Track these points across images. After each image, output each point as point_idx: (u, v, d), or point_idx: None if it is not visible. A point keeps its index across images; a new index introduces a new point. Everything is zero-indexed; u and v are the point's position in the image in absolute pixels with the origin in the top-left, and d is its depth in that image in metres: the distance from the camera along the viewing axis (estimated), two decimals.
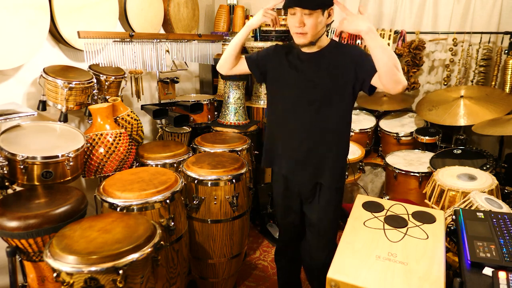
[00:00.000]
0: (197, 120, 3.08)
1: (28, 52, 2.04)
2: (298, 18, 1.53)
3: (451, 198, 1.92)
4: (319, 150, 1.70)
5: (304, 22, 1.53)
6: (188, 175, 2.07)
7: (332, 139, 1.69)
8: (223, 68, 1.86)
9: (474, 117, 2.51)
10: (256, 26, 1.76)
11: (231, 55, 1.81)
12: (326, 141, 1.68)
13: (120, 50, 2.35)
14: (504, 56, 2.69)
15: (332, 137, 1.68)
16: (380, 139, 3.15)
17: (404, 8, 3.06)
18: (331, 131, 1.67)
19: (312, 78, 1.66)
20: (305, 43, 1.60)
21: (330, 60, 1.62)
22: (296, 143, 1.72)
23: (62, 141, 1.94)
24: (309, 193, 1.78)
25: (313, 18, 1.52)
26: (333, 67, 1.62)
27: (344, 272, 1.20)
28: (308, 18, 1.52)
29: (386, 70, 1.45)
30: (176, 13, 3.08)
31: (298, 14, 1.53)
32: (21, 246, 1.53)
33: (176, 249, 1.84)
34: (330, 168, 1.70)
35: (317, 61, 1.65)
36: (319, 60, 1.65)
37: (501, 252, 1.15)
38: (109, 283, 1.28)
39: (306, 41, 1.58)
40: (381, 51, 1.45)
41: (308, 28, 1.53)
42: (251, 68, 1.84)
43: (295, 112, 1.71)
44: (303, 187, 1.78)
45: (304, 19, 1.53)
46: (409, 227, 1.44)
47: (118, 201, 1.68)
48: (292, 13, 1.55)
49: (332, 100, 1.63)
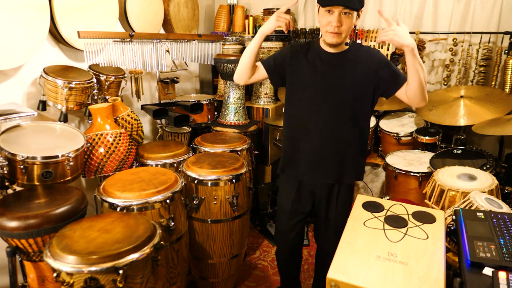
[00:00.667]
0: (197, 120, 3.08)
1: (28, 52, 2.04)
2: (336, 17, 1.48)
3: (451, 198, 1.91)
4: (339, 151, 1.71)
5: (342, 21, 1.49)
6: (188, 175, 2.07)
7: (353, 140, 1.70)
8: (240, 79, 1.79)
9: (474, 117, 2.51)
10: (269, 32, 1.67)
11: (247, 65, 1.73)
12: (346, 142, 1.69)
13: (120, 50, 2.35)
14: (504, 56, 2.68)
15: (353, 138, 1.69)
16: (380, 139, 3.15)
17: (404, 8, 3.06)
18: (351, 132, 1.69)
19: (334, 79, 1.64)
20: (338, 43, 1.57)
21: (353, 62, 1.61)
22: (316, 144, 1.72)
23: (62, 141, 1.94)
24: (325, 194, 1.79)
25: (350, 18, 1.50)
26: (355, 70, 1.60)
27: (344, 272, 1.20)
28: (346, 18, 1.49)
29: (419, 88, 1.52)
30: (176, 13, 3.08)
31: (336, 13, 1.48)
32: (21, 246, 1.53)
33: (176, 249, 1.84)
34: (350, 169, 1.73)
35: (339, 62, 1.63)
36: (341, 61, 1.63)
37: (501, 252, 1.15)
38: (109, 283, 1.28)
39: (340, 40, 1.56)
40: (420, 69, 1.50)
41: (344, 28, 1.51)
42: (270, 74, 1.78)
43: (316, 114, 1.69)
44: (320, 188, 1.79)
45: (343, 19, 1.49)
46: (409, 227, 1.44)
47: (118, 201, 1.68)
48: (328, 10, 1.50)
49: (353, 102, 1.64)
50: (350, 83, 1.63)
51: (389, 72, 1.59)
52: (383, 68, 1.59)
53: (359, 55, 1.62)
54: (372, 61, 1.60)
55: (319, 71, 1.66)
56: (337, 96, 1.65)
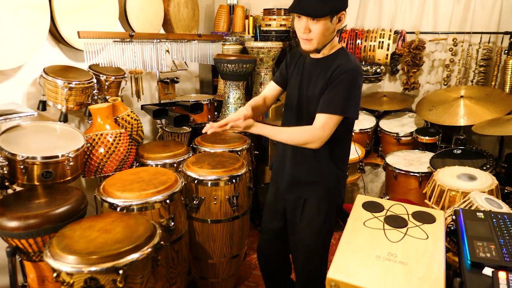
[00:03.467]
0: (197, 120, 3.08)
1: (28, 52, 2.04)
2: (304, 24, 1.41)
3: (451, 198, 1.92)
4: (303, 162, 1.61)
5: (309, 28, 1.41)
6: (188, 175, 2.07)
7: (313, 152, 1.54)
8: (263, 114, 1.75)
9: (474, 117, 2.51)
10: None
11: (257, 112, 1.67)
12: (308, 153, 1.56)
13: (120, 50, 2.35)
14: (504, 56, 2.69)
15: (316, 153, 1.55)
16: (380, 139, 3.15)
17: (404, 8, 3.06)
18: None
19: (304, 85, 1.58)
20: (311, 50, 1.48)
21: (321, 70, 1.51)
22: (288, 151, 1.65)
23: (62, 141, 1.94)
24: (292, 206, 1.68)
25: (320, 25, 1.39)
26: (318, 77, 1.52)
27: (344, 272, 1.20)
28: (315, 25, 1.39)
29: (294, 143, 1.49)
30: (176, 13, 3.08)
31: (303, 19, 1.41)
32: (21, 246, 1.53)
33: (176, 249, 1.84)
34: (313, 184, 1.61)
35: (314, 68, 1.55)
36: (316, 67, 1.54)
37: (501, 252, 1.15)
38: (109, 283, 1.28)
39: (312, 47, 1.46)
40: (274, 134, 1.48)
41: (314, 34, 1.41)
42: (283, 87, 1.73)
43: (291, 119, 1.64)
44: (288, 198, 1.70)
45: (310, 25, 1.40)
46: (409, 227, 1.44)
47: (118, 201, 1.68)
48: (297, 15, 1.43)
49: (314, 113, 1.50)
50: (311, 91, 1.54)
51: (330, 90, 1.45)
52: (329, 82, 1.46)
53: (329, 64, 1.49)
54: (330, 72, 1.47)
55: (299, 77, 1.60)
56: (303, 104, 1.58)
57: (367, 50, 3.03)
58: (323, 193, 1.61)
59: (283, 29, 3.21)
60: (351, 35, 3.09)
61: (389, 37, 2.95)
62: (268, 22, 3.22)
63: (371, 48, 3.02)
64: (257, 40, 3.39)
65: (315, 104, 1.51)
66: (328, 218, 1.64)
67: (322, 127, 1.44)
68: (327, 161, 1.58)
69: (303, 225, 1.66)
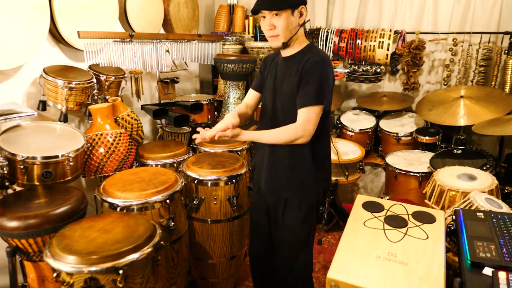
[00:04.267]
0: (197, 120, 3.08)
1: (28, 52, 2.04)
2: (268, 21, 1.50)
3: (451, 198, 1.92)
4: (279, 162, 1.64)
5: (274, 24, 1.49)
6: (188, 175, 2.07)
7: (289, 151, 1.59)
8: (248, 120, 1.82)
9: (474, 117, 2.51)
10: None
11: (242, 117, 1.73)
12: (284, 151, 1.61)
13: (120, 50, 2.35)
14: (504, 56, 2.69)
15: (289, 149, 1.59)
16: (380, 139, 3.15)
17: (404, 8, 3.06)
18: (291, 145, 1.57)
19: (279, 83, 1.62)
20: (279, 46, 1.55)
21: (293, 65, 1.56)
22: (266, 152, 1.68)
23: (62, 141, 1.94)
24: (274, 205, 1.72)
25: (282, 19, 1.47)
26: (291, 73, 1.56)
27: (344, 272, 1.20)
28: (278, 20, 1.48)
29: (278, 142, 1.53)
30: (176, 13, 3.08)
31: (267, 17, 1.50)
32: (21, 246, 1.53)
33: (176, 249, 1.84)
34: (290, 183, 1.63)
35: (286, 66, 1.60)
36: (287, 65, 1.59)
37: (501, 252, 1.15)
38: (109, 283, 1.28)
39: (279, 43, 1.53)
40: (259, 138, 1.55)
41: (279, 30, 1.49)
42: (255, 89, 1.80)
43: (266, 119, 1.69)
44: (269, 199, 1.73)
45: (274, 21, 1.49)
46: (409, 227, 1.44)
47: (118, 201, 1.68)
48: (262, 16, 1.52)
49: (290, 109, 1.55)
50: (284, 88, 1.58)
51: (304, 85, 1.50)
52: (302, 76, 1.51)
53: (299, 59, 1.54)
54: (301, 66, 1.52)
55: (272, 77, 1.66)
56: (277, 102, 1.62)
57: (367, 50, 3.03)
58: (301, 191, 1.64)
59: None
60: (351, 35, 3.09)
61: (389, 37, 2.96)
62: None
63: (371, 48, 3.02)
64: (257, 40, 3.39)
65: (289, 100, 1.56)
66: (309, 215, 1.68)
67: (306, 121, 1.49)
68: (302, 159, 1.61)
69: (285, 223, 1.70)
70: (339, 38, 3.12)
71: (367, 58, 3.07)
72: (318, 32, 3.19)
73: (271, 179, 1.69)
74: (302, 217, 1.66)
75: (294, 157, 1.61)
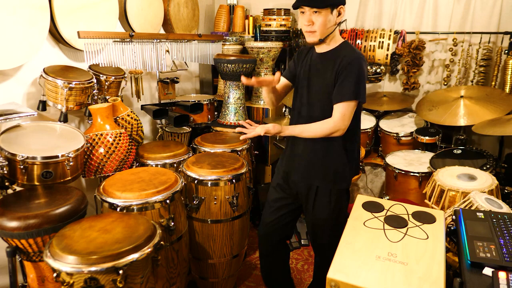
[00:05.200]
0: (197, 120, 3.08)
1: (28, 52, 2.04)
2: (307, 17, 1.57)
3: (451, 198, 1.91)
4: (315, 152, 1.73)
5: (312, 20, 1.56)
6: (188, 175, 2.07)
7: (324, 143, 1.70)
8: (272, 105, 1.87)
9: (474, 117, 2.51)
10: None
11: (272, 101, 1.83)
12: (319, 144, 1.71)
13: (120, 50, 2.35)
14: (504, 56, 2.69)
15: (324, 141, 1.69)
16: (380, 139, 3.15)
17: (404, 8, 3.06)
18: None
19: (314, 78, 1.70)
20: (315, 41, 1.62)
21: (329, 62, 1.65)
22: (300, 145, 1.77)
23: (62, 141, 1.94)
24: (305, 193, 1.80)
25: (321, 17, 1.55)
26: (327, 69, 1.65)
27: (344, 272, 1.20)
28: (317, 17, 1.55)
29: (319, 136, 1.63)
30: (176, 13, 3.07)
31: (307, 13, 1.57)
32: (21, 246, 1.53)
33: (176, 249, 1.84)
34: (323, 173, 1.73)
35: (321, 61, 1.68)
36: (323, 61, 1.68)
37: (501, 252, 1.15)
38: (109, 283, 1.28)
39: (316, 39, 1.61)
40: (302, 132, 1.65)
41: (317, 26, 1.57)
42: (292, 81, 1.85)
43: (300, 111, 1.76)
44: (300, 188, 1.81)
45: (313, 18, 1.56)
46: (409, 227, 1.44)
47: (118, 201, 1.68)
48: (301, 11, 1.59)
49: (325, 102, 1.66)
50: (321, 83, 1.67)
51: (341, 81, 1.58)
52: (339, 73, 1.60)
53: (336, 56, 1.63)
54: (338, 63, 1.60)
55: (308, 71, 1.73)
56: (313, 96, 1.70)
57: (367, 50, 3.03)
58: (333, 180, 1.74)
59: (283, 29, 3.21)
60: (351, 35, 3.09)
61: (389, 37, 2.96)
62: (268, 22, 3.22)
63: (371, 48, 3.02)
64: (257, 40, 3.39)
65: (324, 94, 1.65)
66: (340, 199, 1.79)
67: (342, 116, 1.59)
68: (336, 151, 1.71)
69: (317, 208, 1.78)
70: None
71: (367, 58, 3.07)
72: None
73: (306, 168, 1.76)
74: (333, 202, 1.76)
75: (328, 149, 1.70)
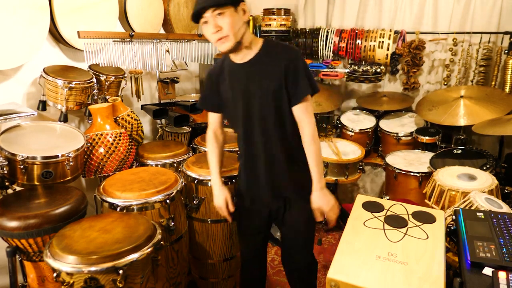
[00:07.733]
0: (197, 120, 3.08)
1: (28, 52, 2.04)
2: (212, 23, 1.37)
3: (451, 198, 1.91)
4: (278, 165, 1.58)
5: (219, 25, 1.37)
6: (188, 175, 2.07)
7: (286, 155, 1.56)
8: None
9: (474, 117, 2.51)
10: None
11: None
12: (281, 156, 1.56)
13: (120, 50, 2.35)
14: (504, 56, 2.68)
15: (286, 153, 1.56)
16: (380, 139, 3.14)
17: (404, 8, 3.05)
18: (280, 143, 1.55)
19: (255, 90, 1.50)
20: (232, 46, 1.41)
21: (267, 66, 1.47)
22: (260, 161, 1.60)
23: (62, 141, 1.94)
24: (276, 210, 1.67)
25: (227, 17, 1.36)
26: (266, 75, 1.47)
27: (344, 272, 1.20)
28: (222, 19, 1.36)
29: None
30: (176, 13, 3.08)
31: (210, 20, 1.37)
32: (21, 246, 1.53)
33: (176, 249, 1.84)
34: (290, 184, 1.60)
35: (253, 68, 1.49)
36: (254, 66, 1.49)
37: (501, 252, 1.15)
38: (109, 283, 1.28)
39: (231, 43, 1.40)
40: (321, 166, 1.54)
41: (227, 29, 1.37)
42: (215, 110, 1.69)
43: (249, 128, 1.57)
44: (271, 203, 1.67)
45: (218, 22, 1.37)
46: (409, 227, 1.44)
47: (118, 201, 1.68)
48: (204, 22, 1.39)
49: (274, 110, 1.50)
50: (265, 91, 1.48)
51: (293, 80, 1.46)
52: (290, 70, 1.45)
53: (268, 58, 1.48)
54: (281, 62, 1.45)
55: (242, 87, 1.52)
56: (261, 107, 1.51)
57: (367, 50, 3.03)
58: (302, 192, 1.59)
59: (283, 29, 3.21)
60: (351, 35, 3.09)
61: (389, 37, 2.95)
62: (268, 22, 3.22)
63: (371, 48, 3.02)
64: None
65: (273, 101, 1.48)
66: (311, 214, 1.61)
67: (309, 113, 1.51)
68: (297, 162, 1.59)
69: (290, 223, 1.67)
70: (339, 38, 3.12)
71: (367, 58, 3.07)
72: (318, 32, 3.19)
73: (273, 184, 1.61)
74: (306, 216, 1.62)
75: (290, 160, 1.57)
